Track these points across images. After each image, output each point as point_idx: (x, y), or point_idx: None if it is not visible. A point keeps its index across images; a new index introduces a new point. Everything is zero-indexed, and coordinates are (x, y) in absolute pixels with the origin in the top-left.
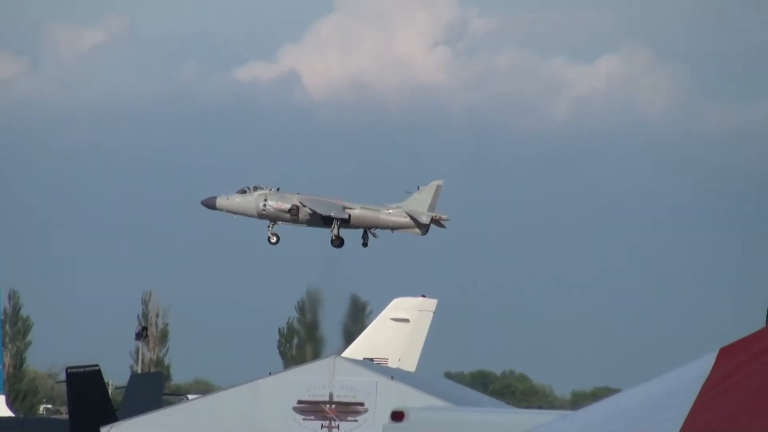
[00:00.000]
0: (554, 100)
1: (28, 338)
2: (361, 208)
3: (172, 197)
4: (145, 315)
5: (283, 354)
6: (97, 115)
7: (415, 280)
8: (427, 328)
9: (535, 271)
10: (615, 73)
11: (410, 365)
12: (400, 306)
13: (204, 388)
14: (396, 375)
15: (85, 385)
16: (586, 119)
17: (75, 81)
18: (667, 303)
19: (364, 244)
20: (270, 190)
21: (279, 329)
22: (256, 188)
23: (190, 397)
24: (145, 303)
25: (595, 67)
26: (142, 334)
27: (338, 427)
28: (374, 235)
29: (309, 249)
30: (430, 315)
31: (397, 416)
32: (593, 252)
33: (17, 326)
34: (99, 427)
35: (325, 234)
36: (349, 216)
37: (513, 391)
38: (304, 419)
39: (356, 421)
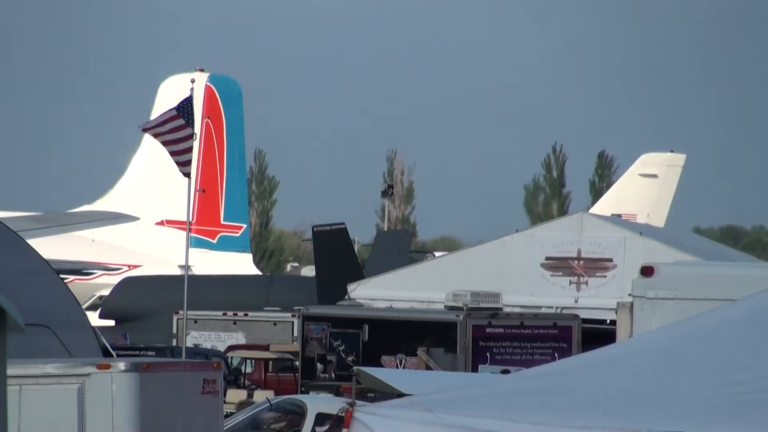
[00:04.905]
0: None
1: (274, 197)
2: None
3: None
4: (390, 173)
5: (529, 211)
6: None
7: (662, 134)
8: (676, 183)
9: None
10: None
11: (659, 221)
12: (648, 161)
13: (450, 246)
14: (644, 230)
15: (331, 243)
16: None
17: None
18: None
19: None
20: None
21: (524, 186)
22: None
23: (436, 254)
24: (390, 161)
25: None
26: (387, 192)
27: (587, 282)
28: None
29: (560, 100)
30: (679, 170)
31: (647, 271)
32: None
33: (263, 185)
34: (345, 284)
35: None
36: None
37: (764, 246)
38: (552, 275)
39: (605, 276)
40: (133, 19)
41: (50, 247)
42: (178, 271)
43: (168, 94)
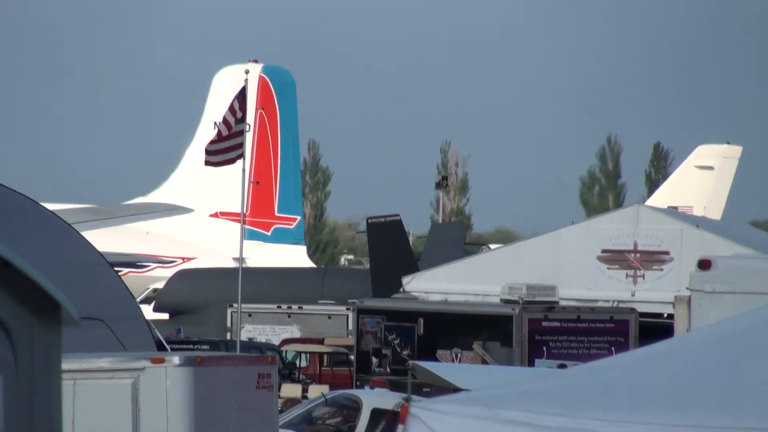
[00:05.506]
0: None
1: (328, 188)
2: None
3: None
4: (445, 164)
5: (584, 203)
6: None
7: (718, 126)
8: (732, 175)
9: None
10: None
11: (715, 213)
12: (704, 153)
13: (505, 238)
14: (701, 223)
15: (386, 235)
16: None
17: None
18: None
19: None
20: None
21: (580, 177)
22: None
23: (491, 246)
24: (444, 152)
25: None
26: (442, 184)
27: (643, 276)
28: None
29: (607, 91)
30: (735, 162)
31: (704, 264)
32: None
33: (317, 177)
34: (400, 277)
35: None
36: None
37: None
38: (608, 268)
39: (661, 270)
40: (188, 11)
41: (105, 239)
42: (232, 264)
43: (222, 86)
